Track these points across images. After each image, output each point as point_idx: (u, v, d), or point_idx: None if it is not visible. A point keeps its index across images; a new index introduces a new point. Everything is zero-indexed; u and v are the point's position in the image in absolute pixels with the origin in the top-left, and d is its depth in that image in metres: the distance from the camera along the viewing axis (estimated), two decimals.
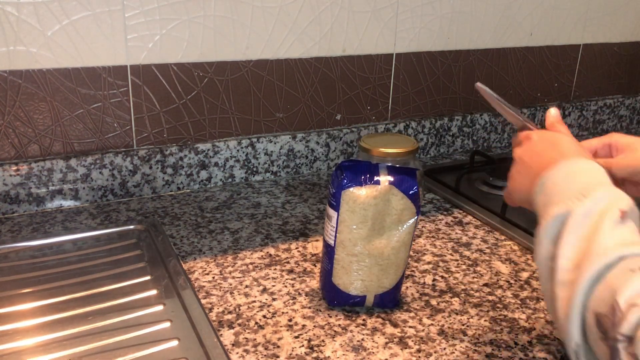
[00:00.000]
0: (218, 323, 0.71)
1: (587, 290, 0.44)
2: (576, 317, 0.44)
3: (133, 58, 0.99)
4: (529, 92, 1.45)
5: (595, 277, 0.44)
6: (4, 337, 0.68)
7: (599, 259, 0.44)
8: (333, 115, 1.20)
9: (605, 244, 0.46)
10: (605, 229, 0.47)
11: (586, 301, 0.44)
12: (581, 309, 0.44)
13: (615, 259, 0.44)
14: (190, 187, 1.10)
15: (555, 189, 0.53)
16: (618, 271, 0.43)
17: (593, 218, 0.48)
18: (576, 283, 0.45)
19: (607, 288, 0.43)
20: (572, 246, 0.47)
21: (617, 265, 0.43)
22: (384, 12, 1.18)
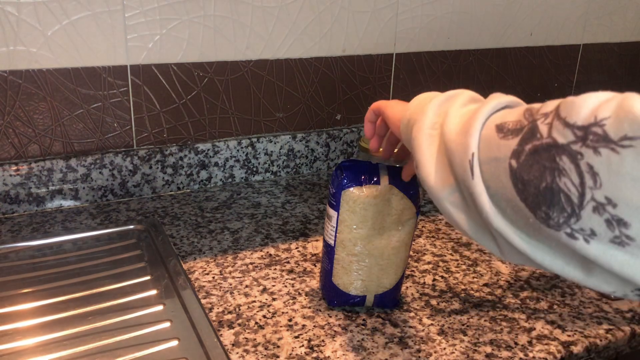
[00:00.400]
0: (218, 323, 0.71)
1: (489, 112, 0.44)
2: (475, 132, 0.43)
3: (133, 58, 0.99)
4: (529, 92, 1.45)
5: (497, 106, 0.45)
6: (4, 337, 0.68)
7: (502, 97, 0.46)
8: (333, 115, 1.20)
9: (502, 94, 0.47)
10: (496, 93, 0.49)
11: (485, 122, 0.44)
12: (480, 129, 0.44)
13: (515, 102, 0.46)
14: (190, 187, 1.10)
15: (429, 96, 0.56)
16: (521, 106, 0.44)
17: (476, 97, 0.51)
18: (478, 109, 0.45)
19: (511, 110, 0.43)
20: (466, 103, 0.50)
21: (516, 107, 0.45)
22: (384, 12, 1.18)
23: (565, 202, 0.36)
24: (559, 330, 0.72)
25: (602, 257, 0.36)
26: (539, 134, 0.38)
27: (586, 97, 0.37)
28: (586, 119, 0.35)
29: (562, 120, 0.37)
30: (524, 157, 0.39)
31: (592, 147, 0.34)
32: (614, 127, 0.34)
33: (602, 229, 0.35)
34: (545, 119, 0.38)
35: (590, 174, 0.34)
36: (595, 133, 0.34)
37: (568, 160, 0.36)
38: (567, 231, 0.36)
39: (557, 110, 0.38)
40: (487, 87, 1.38)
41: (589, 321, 0.74)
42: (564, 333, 0.72)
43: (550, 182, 0.37)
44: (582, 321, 0.74)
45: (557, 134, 0.37)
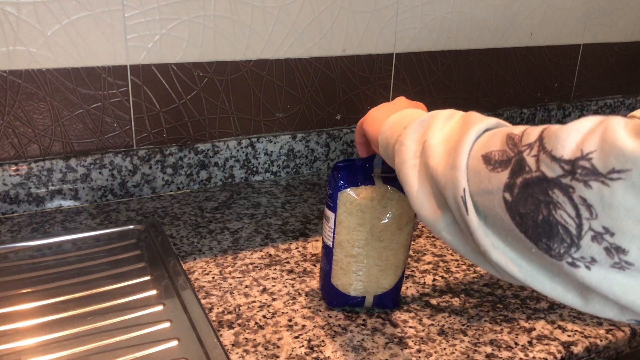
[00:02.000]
0: (218, 323, 0.71)
1: (472, 142, 0.45)
2: (463, 165, 0.44)
3: (133, 58, 0.99)
4: (529, 92, 1.45)
5: (478, 132, 0.45)
6: (4, 337, 0.68)
7: (480, 122, 0.46)
8: (333, 115, 1.20)
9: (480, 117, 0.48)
10: (475, 114, 0.49)
11: (470, 152, 0.44)
12: (466, 160, 0.44)
13: (493, 122, 0.46)
14: (190, 187, 1.10)
15: (404, 118, 0.56)
16: (500, 129, 0.45)
17: (457, 114, 0.51)
18: (460, 140, 0.45)
19: (492, 136, 0.44)
20: (445, 129, 0.50)
21: (498, 129, 0.45)
22: (384, 12, 1.18)
23: (564, 234, 0.37)
24: (559, 331, 0.72)
25: (603, 283, 0.36)
26: (528, 167, 0.39)
27: (569, 129, 0.37)
28: (572, 152, 0.36)
29: (549, 153, 0.37)
30: (517, 191, 0.39)
31: (582, 180, 0.35)
32: (601, 160, 0.34)
33: (602, 256, 0.35)
34: (530, 151, 0.39)
35: (584, 206, 0.35)
36: (584, 167, 0.35)
37: (561, 194, 0.36)
38: (569, 260, 0.37)
39: (541, 141, 0.38)
40: (487, 87, 1.38)
41: (589, 321, 0.74)
42: (564, 333, 0.72)
43: (547, 215, 0.37)
44: (582, 321, 0.74)
45: (545, 168, 0.37)
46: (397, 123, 0.56)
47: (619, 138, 0.34)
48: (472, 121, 0.47)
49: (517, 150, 0.40)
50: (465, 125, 0.47)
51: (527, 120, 1.45)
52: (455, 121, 0.50)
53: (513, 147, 0.41)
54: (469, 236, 0.44)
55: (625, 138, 0.34)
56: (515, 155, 0.40)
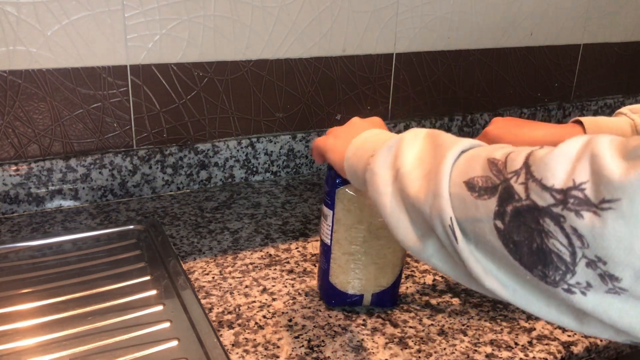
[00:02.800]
0: (218, 323, 0.71)
1: (450, 167, 0.44)
2: (445, 193, 0.43)
3: (133, 58, 0.99)
4: (529, 92, 1.45)
5: (454, 156, 0.45)
6: (4, 337, 0.68)
7: (454, 145, 0.45)
8: (333, 115, 1.20)
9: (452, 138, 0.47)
10: (442, 134, 0.49)
11: (450, 178, 0.44)
12: (448, 187, 0.43)
13: (467, 144, 0.46)
14: (190, 187, 1.10)
15: (367, 142, 0.56)
16: (477, 150, 0.44)
17: (429, 138, 0.50)
18: (438, 166, 0.45)
19: (471, 160, 0.43)
20: (414, 151, 0.49)
21: (474, 150, 0.45)
22: (384, 12, 1.18)
23: (559, 261, 0.36)
24: (559, 331, 0.72)
25: (599, 307, 0.36)
26: (517, 195, 0.38)
27: (556, 156, 0.37)
28: (564, 182, 0.36)
29: (538, 182, 0.37)
30: (508, 219, 0.39)
31: (574, 210, 0.35)
32: (592, 191, 0.34)
33: (597, 282, 0.35)
34: (517, 178, 0.39)
35: (576, 235, 0.35)
36: (576, 197, 0.35)
37: (552, 223, 0.36)
38: (564, 287, 0.37)
39: (528, 169, 0.38)
40: (487, 87, 1.38)
41: None
42: (564, 333, 0.72)
43: (540, 243, 0.37)
44: None
45: (536, 197, 0.37)
46: (360, 148, 0.56)
47: (607, 166, 0.34)
48: (444, 144, 0.46)
49: (503, 177, 0.39)
50: (439, 148, 0.47)
51: None
52: (423, 141, 0.50)
53: (498, 174, 0.40)
54: (459, 262, 0.44)
55: (612, 165, 0.34)
56: (501, 183, 0.39)
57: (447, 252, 0.45)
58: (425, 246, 0.47)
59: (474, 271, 0.42)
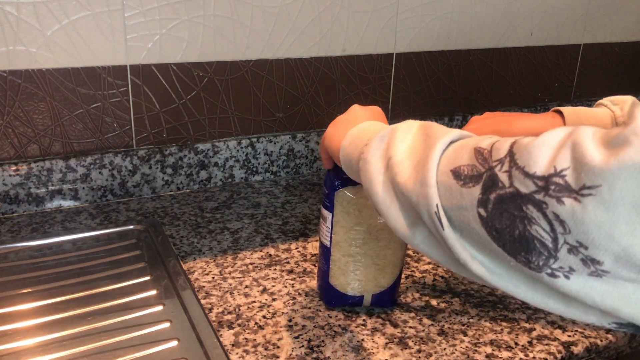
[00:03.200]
0: (218, 323, 0.71)
1: (439, 156, 0.45)
2: (432, 181, 0.44)
3: (133, 58, 0.99)
4: (529, 92, 1.45)
5: (443, 146, 0.45)
6: (4, 337, 0.68)
7: (444, 136, 0.46)
8: (333, 115, 1.20)
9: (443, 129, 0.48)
10: (435, 125, 0.50)
11: (438, 167, 0.44)
12: (435, 175, 0.44)
13: (457, 134, 0.46)
14: (190, 187, 1.10)
15: (362, 133, 0.57)
16: (465, 141, 0.45)
17: (414, 124, 0.51)
18: (427, 155, 0.46)
19: (459, 150, 0.44)
20: (406, 142, 0.50)
21: (462, 140, 0.45)
22: (384, 12, 1.18)
23: (541, 247, 0.37)
24: (560, 331, 0.72)
25: (582, 290, 0.37)
26: (501, 183, 0.39)
27: (539, 144, 0.37)
28: (545, 169, 0.36)
29: (521, 169, 0.38)
30: (491, 206, 0.39)
31: (555, 196, 0.35)
32: (573, 177, 0.35)
33: (580, 266, 0.36)
34: (501, 166, 0.39)
35: (557, 221, 0.36)
36: (557, 183, 0.35)
37: (534, 209, 0.37)
38: (548, 272, 0.38)
39: (512, 156, 0.39)
40: (487, 87, 1.38)
41: None
42: (565, 333, 0.72)
43: (523, 230, 0.38)
44: None
45: (519, 184, 0.38)
46: (357, 138, 0.57)
47: (588, 153, 0.34)
48: (435, 134, 0.47)
49: (488, 165, 0.40)
50: (429, 138, 0.47)
51: None
52: (415, 132, 0.51)
53: (483, 163, 0.41)
54: (447, 249, 0.45)
55: (593, 152, 0.34)
56: (486, 171, 0.40)
57: (435, 239, 0.46)
58: (414, 233, 0.48)
59: (460, 257, 0.43)
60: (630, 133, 0.33)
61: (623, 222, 0.33)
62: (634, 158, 0.32)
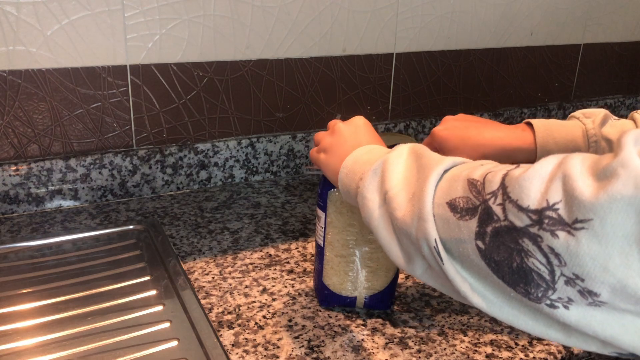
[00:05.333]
0: (218, 323, 0.71)
1: (433, 191, 0.45)
2: (429, 215, 0.44)
3: (133, 58, 0.99)
4: (529, 92, 1.45)
5: (437, 177, 0.46)
6: (4, 337, 0.68)
7: (436, 167, 0.46)
8: (333, 115, 1.20)
9: (437, 157, 0.49)
10: (425, 152, 0.50)
11: (434, 200, 0.45)
12: (431, 209, 0.45)
13: (450, 163, 0.47)
14: (190, 187, 1.10)
15: (357, 164, 0.57)
16: (458, 170, 0.45)
17: (411, 156, 0.51)
18: (422, 188, 0.46)
19: (453, 181, 0.44)
20: (399, 173, 0.50)
21: (455, 169, 0.46)
22: (384, 12, 1.18)
23: (539, 279, 0.37)
24: None
25: (582, 320, 0.37)
26: (496, 216, 0.39)
27: (530, 177, 0.38)
28: (538, 202, 0.37)
29: (515, 203, 0.38)
30: (488, 239, 0.40)
31: (549, 230, 0.36)
32: (565, 211, 0.35)
33: (578, 297, 0.36)
34: (494, 199, 0.40)
35: (553, 254, 0.36)
36: (551, 217, 0.36)
37: (530, 242, 0.37)
38: (547, 302, 0.38)
39: (504, 189, 0.39)
40: (487, 87, 1.38)
41: None
42: None
43: (520, 262, 0.38)
44: None
45: (513, 217, 0.38)
46: (351, 171, 0.57)
47: (578, 186, 0.35)
48: (427, 165, 0.48)
49: (482, 198, 0.41)
50: (423, 170, 0.48)
51: None
52: (407, 161, 0.51)
53: (477, 195, 0.41)
54: (447, 281, 0.45)
55: (583, 185, 0.35)
56: (481, 204, 0.41)
57: (436, 272, 0.47)
58: (414, 266, 0.48)
59: (460, 289, 0.44)
60: (618, 165, 0.34)
61: (617, 255, 0.34)
62: (622, 192, 0.33)
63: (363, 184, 0.53)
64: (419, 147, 0.52)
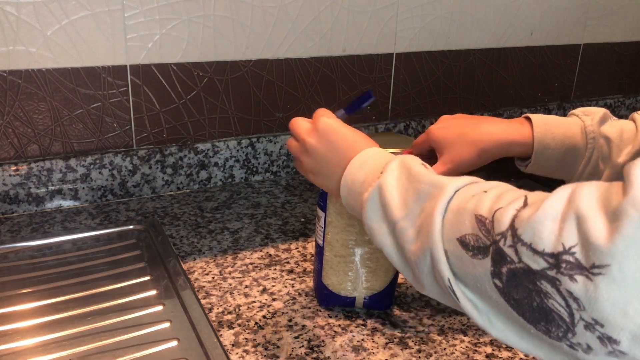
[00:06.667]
0: (218, 323, 0.71)
1: (440, 225, 0.44)
2: (441, 253, 0.44)
3: (133, 58, 0.99)
4: (530, 92, 1.45)
5: (443, 212, 0.45)
6: (4, 337, 0.68)
7: (440, 197, 0.46)
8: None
9: (434, 182, 0.48)
10: (421, 174, 0.49)
11: (443, 235, 0.44)
12: (442, 245, 0.44)
13: (452, 191, 0.46)
14: (190, 187, 1.10)
15: (355, 183, 0.55)
16: (462, 199, 0.44)
17: (403, 175, 0.51)
18: (428, 222, 0.45)
19: (459, 215, 0.43)
20: (397, 197, 0.50)
21: (457, 196, 0.45)
22: (384, 12, 1.18)
23: (559, 320, 0.37)
24: None
25: None
26: (509, 258, 0.39)
27: (541, 218, 0.37)
28: (553, 246, 0.36)
29: (528, 246, 0.37)
30: (505, 279, 0.39)
31: (567, 274, 0.35)
32: (583, 255, 0.35)
33: (597, 345, 0.36)
34: (504, 241, 0.39)
35: (571, 298, 0.35)
36: (568, 261, 0.35)
37: (548, 285, 0.37)
38: (567, 343, 0.37)
39: (514, 232, 0.38)
40: (487, 87, 1.38)
41: None
42: None
43: (540, 302, 0.38)
44: None
45: (529, 260, 0.37)
46: (352, 191, 0.56)
47: (593, 230, 0.34)
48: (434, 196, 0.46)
49: (492, 239, 0.40)
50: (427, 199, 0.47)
51: None
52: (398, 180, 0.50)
53: (487, 234, 0.41)
54: None
55: (598, 229, 0.34)
56: (491, 244, 0.40)
57: (453, 300, 0.46)
58: (431, 292, 0.48)
59: (480, 324, 0.43)
60: (629, 205, 0.33)
61: (636, 300, 0.33)
62: (637, 234, 0.32)
63: (366, 214, 0.52)
64: (407, 163, 0.51)
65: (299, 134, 0.63)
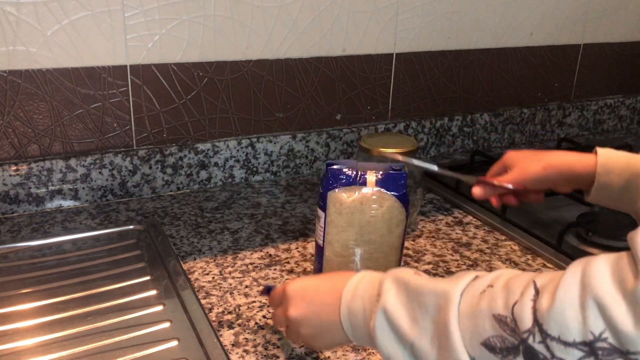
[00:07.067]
0: (218, 323, 0.71)
1: (459, 334, 0.44)
2: (466, 357, 0.43)
3: (133, 58, 0.99)
4: (529, 92, 1.45)
5: (457, 321, 0.44)
6: (4, 337, 0.68)
7: (449, 306, 0.45)
8: (333, 115, 1.20)
9: (436, 291, 0.46)
10: (420, 285, 0.48)
11: (465, 343, 0.43)
12: (467, 353, 0.43)
13: (458, 296, 0.45)
14: (190, 187, 1.10)
15: (357, 317, 0.53)
16: (471, 301, 0.44)
17: (401, 291, 0.49)
18: (446, 336, 0.44)
19: (475, 318, 0.43)
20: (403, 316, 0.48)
21: (465, 299, 0.44)
22: (384, 12, 1.18)
23: None
24: None
25: None
26: (542, 355, 0.39)
27: (561, 309, 0.38)
28: (582, 334, 0.37)
29: (557, 340, 0.38)
30: None
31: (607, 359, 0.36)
32: (615, 340, 0.36)
33: None
34: (533, 338, 0.39)
35: None
36: (604, 348, 0.36)
37: None
38: None
39: (540, 327, 0.39)
40: (487, 87, 1.38)
41: None
42: None
43: None
44: None
45: (562, 354, 0.38)
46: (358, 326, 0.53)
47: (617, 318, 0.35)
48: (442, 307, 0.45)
49: (519, 338, 0.40)
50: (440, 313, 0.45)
51: (527, 120, 1.45)
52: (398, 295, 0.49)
53: (512, 334, 0.41)
54: None
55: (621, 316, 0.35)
56: (520, 343, 0.40)
57: None
58: None
59: None
60: None
61: None
62: None
63: (379, 342, 0.50)
64: (401, 277, 0.50)
65: (279, 316, 0.61)
